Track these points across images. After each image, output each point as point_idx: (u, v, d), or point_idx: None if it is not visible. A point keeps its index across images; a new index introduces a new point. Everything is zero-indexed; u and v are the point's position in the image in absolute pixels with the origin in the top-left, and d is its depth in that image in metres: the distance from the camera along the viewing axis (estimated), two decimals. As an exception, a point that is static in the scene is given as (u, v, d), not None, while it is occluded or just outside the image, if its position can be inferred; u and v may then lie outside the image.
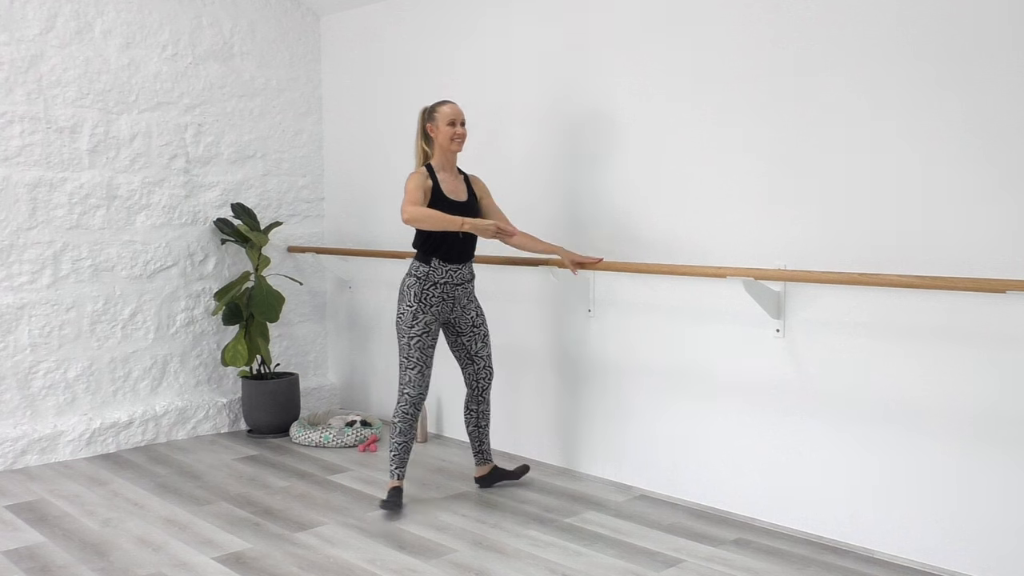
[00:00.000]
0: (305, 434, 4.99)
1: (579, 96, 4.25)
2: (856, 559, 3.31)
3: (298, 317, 5.69)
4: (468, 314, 3.94)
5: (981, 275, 3.01)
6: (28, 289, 4.61)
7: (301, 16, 5.60)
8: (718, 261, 3.74)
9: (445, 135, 3.82)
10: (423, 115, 3.88)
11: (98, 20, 4.79)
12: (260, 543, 3.52)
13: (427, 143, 3.87)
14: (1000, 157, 2.98)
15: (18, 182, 4.56)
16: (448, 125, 3.81)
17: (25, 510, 3.92)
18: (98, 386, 4.87)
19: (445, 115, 3.82)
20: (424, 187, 3.75)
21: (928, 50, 3.11)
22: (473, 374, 4.03)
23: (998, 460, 3.04)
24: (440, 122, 3.82)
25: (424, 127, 3.87)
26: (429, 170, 3.82)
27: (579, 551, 3.41)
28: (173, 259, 5.12)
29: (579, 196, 4.28)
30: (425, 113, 3.88)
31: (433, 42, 4.97)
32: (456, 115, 3.83)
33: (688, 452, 3.93)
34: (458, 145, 3.85)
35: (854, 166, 3.32)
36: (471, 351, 3.99)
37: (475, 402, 4.07)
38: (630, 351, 4.12)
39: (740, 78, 3.64)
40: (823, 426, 3.48)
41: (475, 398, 4.06)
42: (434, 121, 3.84)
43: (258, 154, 5.45)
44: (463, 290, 3.89)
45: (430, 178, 3.79)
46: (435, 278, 3.80)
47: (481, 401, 4.06)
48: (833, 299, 3.42)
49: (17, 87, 4.54)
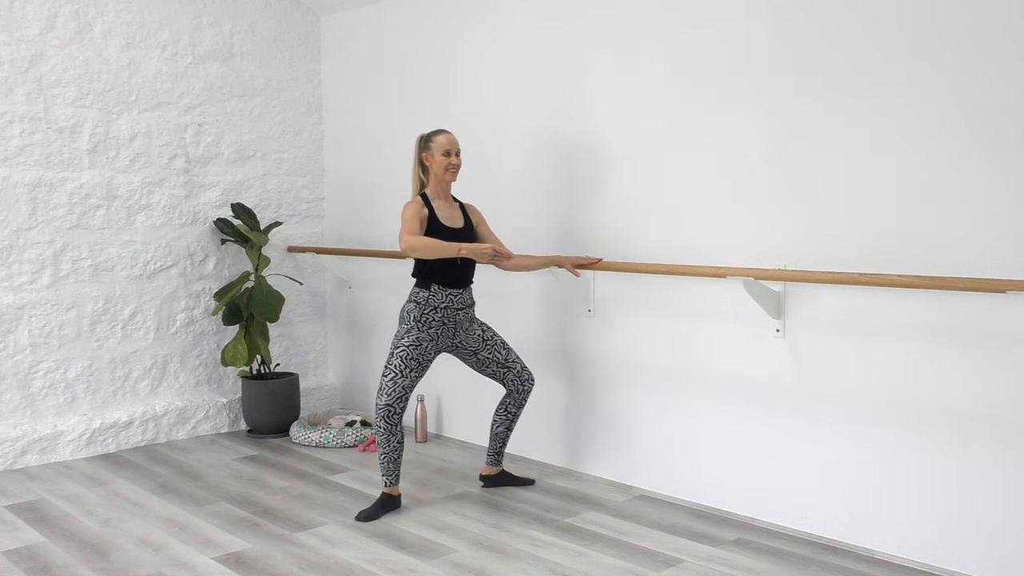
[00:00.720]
0: (305, 434, 4.99)
1: (579, 96, 4.25)
2: (856, 559, 3.31)
3: (298, 317, 5.69)
4: (473, 333, 3.94)
5: (981, 275, 3.01)
6: (28, 289, 4.61)
7: (301, 16, 5.61)
8: (718, 261, 3.74)
9: (440, 165, 3.82)
10: (419, 143, 3.89)
11: (98, 20, 4.80)
12: (260, 543, 3.52)
13: (423, 172, 3.88)
14: (1000, 157, 2.98)
15: (18, 182, 4.56)
16: (443, 155, 3.82)
17: (25, 510, 3.92)
18: (98, 386, 4.87)
19: (440, 145, 3.82)
20: (420, 216, 3.75)
21: (928, 50, 3.11)
22: (515, 379, 4.00)
23: (998, 460, 3.04)
24: (435, 152, 3.82)
25: (420, 155, 3.87)
26: (425, 199, 3.83)
27: (579, 551, 3.41)
28: (173, 259, 5.12)
29: (578, 196, 4.28)
30: (421, 141, 3.88)
31: (433, 42, 4.97)
32: (451, 145, 3.83)
33: (688, 452, 3.93)
34: (452, 175, 3.85)
35: (854, 166, 3.33)
36: (500, 361, 3.98)
37: (516, 406, 4.05)
38: (630, 351, 4.12)
39: (740, 78, 3.64)
40: (823, 426, 3.48)
41: (517, 402, 4.04)
42: (429, 151, 3.84)
43: (258, 154, 5.45)
44: (464, 315, 3.89)
45: (426, 207, 3.80)
46: (435, 303, 3.80)
47: (522, 405, 4.06)
48: (833, 299, 3.42)
49: (17, 87, 4.54)
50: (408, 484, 4.21)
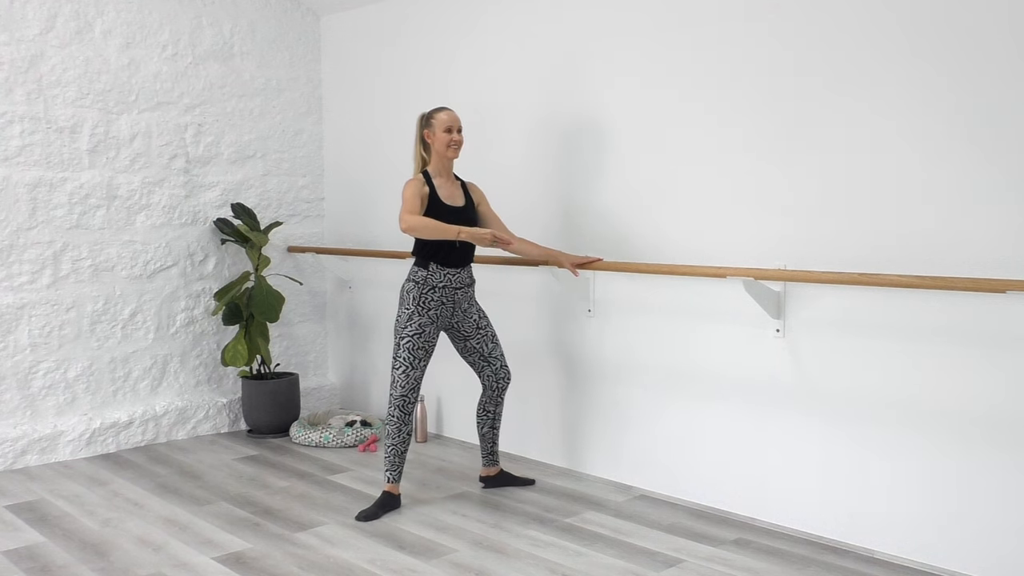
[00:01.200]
0: (305, 434, 4.99)
1: (579, 96, 4.25)
2: (856, 559, 3.31)
3: (298, 317, 5.69)
4: (470, 317, 3.94)
5: (981, 275, 3.01)
6: (28, 289, 4.61)
7: (301, 16, 5.61)
8: (718, 261, 3.74)
9: (442, 141, 3.82)
10: (421, 121, 3.88)
11: (98, 20, 4.80)
12: (260, 543, 3.52)
13: (425, 149, 3.87)
14: (1000, 157, 2.98)
15: (18, 182, 4.56)
16: (445, 132, 3.81)
17: (25, 510, 3.92)
18: (98, 386, 4.87)
19: (442, 122, 3.82)
20: (421, 194, 3.75)
21: (928, 50, 3.11)
22: (491, 375, 4.01)
23: (998, 460, 3.04)
24: (437, 128, 3.82)
25: (422, 133, 3.87)
26: (426, 177, 3.82)
27: (579, 551, 3.41)
28: (173, 259, 5.12)
29: (578, 196, 4.27)
30: (423, 119, 3.88)
31: (433, 42, 4.97)
32: (453, 122, 3.83)
33: (688, 452, 3.93)
34: (454, 152, 3.85)
35: (854, 166, 3.32)
36: (483, 353, 3.99)
37: (493, 403, 4.06)
38: (630, 351, 4.12)
39: (740, 78, 3.64)
40: (823, 426, 3.48)
41: (493, 399, 4.05)
42: (431, 127, 3.84)
43: (258, 154, 5.45)
44: (463, 294, 3.89)
45: (426, 185, 3.79)
46: (434, 282, 3.80)
47: (499, 403, 4.06)
48: (833, 299, 3.42)
49: (17, 87, 4.54)
50: (408, 484, 4.21)
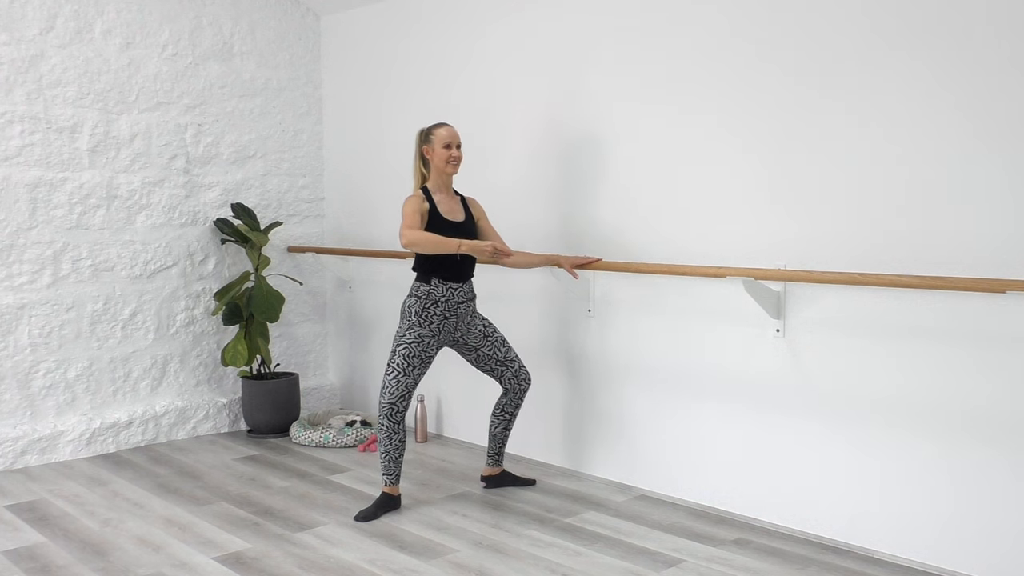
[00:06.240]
0: (305, 434, 4.99)
1: (579, 96, 4.25)
2: (856, 559, 3.31)
3: (298, 317, 5.69)
4: (475, 328, 3.93)
5: (981, 275, 3.01)
6: (28, 289, 4.62)
7: (301, 16, 5.61)
8: (718, 261, 3.74)
9: (441, 157, 3.81)
10: (420, 137, 3.88)
11: (98, 20, 4.80)
12: (260, 543, 3.53)
13: (424, 165, 3.87)
14: (1000, 157, 2.97)
15: (18, 182, 4.56)
16: (444, 148, 3.81)
17: (25, 510, 3.92)
18: (98, 386, 4.87)
19: (441, 137, 3.82)
20: (421, 210, 3.75)
21: (928, 50, 3.11)
22: (512, 378, 4.00)
23: (998, 460, 3.04)
24: (436, 144, 3.82)
25: (421, 149, 3.87)
26: (425, 193, 3.82)
27: (579, 551, 3.41)
28: (173, 259, 5.12)
29: (579, 197, 4.28)
30: (422, 135, 3.88)
31: (433, 42, 4.97)
32: (452, 137, 3.83)
33: (688, 452, 3.93)
34: (454, 167, 3.84)
35: (854, 166, 3.32)
36: (499, 358, 3.97)
37: (513, 405, 4.05)
38: (630, 351, 4.12)
39: (740, 79, 3.64)
40: (823, 426, 3.48)
41: (514, 401, 4.04)
42: (430, 143, 3.83)
43: (258, 154, 5.45)
44: (465, 308, 3.88)
45: (426, 200, 3.79)
46: (436, 296, 3.79)
47: (518, 405, 4.05)
48: (833, 299, 3.42)
49: (17, 87, 4.54)
50: (408, 484, 4.21)
